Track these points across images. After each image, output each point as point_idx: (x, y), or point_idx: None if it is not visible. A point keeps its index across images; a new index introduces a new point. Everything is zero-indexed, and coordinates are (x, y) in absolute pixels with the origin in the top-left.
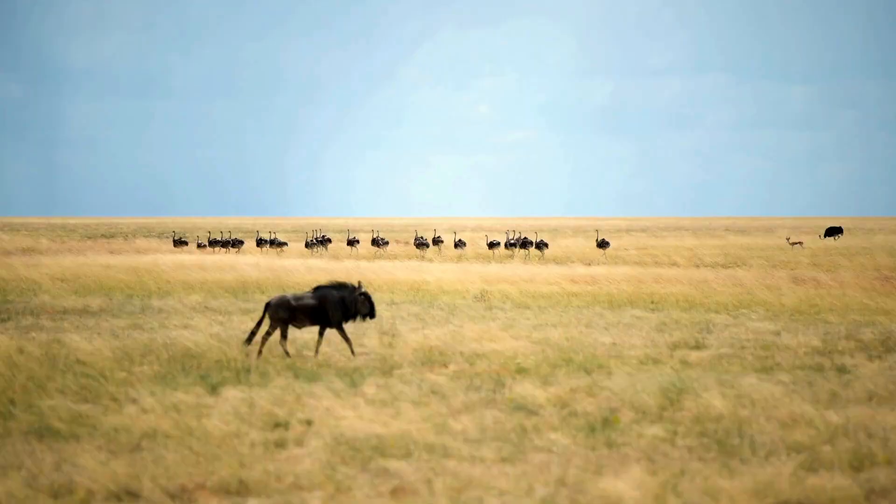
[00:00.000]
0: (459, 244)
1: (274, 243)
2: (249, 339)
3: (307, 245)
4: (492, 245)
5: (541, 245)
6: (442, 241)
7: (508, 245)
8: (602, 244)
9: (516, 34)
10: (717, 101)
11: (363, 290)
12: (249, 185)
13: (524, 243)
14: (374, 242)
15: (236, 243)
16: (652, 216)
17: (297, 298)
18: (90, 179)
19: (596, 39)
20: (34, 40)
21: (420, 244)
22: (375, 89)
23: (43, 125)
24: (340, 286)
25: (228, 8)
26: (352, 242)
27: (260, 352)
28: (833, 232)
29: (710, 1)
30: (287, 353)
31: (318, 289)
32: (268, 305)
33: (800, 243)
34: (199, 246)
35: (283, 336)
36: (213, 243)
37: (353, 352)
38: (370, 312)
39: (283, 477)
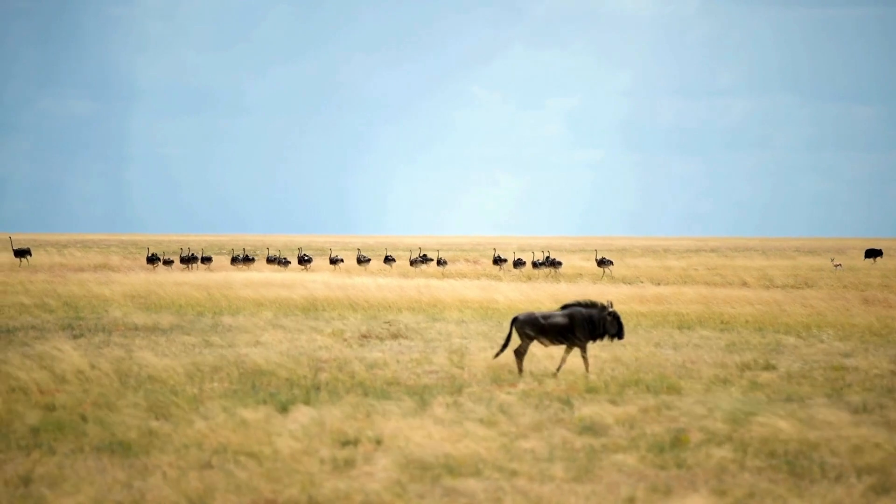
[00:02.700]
0: (441, 262)
1: (247, 260)
2: (499, 353)
3: (268, 260)
4: (516, 263)
5: (555, 263)
6: (431, 260)
7: (495, 261)
8: (602, 262)
9: (585, 53)
10: (786, 122)
11: (612, 310)
12: (317, 202)
13: (548, 262)
14: (359, 260)
15: (206, 259)
16: (721, 236)
17: (546, 316)
18: (160, 197)
19: (663, 59)
20: (104, 58)
21: (387, 259)
22: (442, 107)
23: (112, 142)
24: (591, 305)
25: (298, 27)
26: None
27: (519, 369)
28: (872, 254)
29: (777, 21)
30: (520, 371)
31: (566, 306)
32: (515, 321)
33: (839, 265)
34: (166, 262)
35: (523, 353)
36: (183, 260)
37: (587, 370)
38: (619, 333)
39: (353, 495)
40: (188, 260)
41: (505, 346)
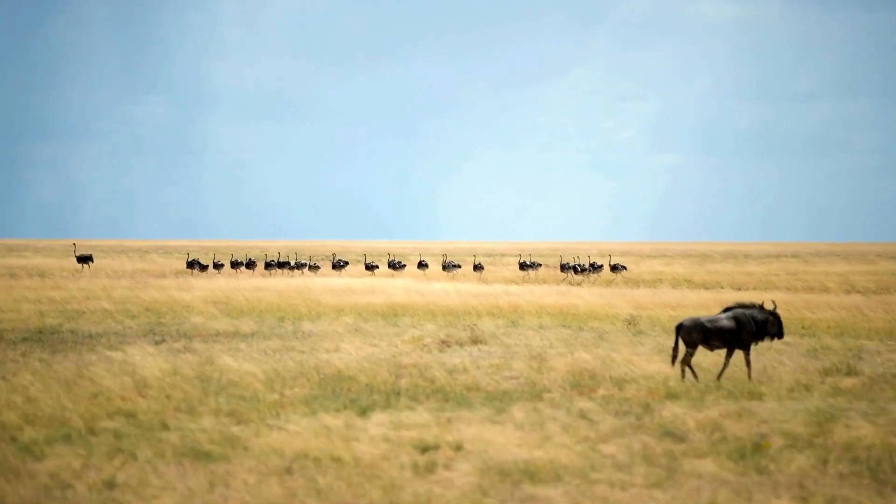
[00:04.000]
0: (478, 267)
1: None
2: (673, 362)
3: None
4: (523, 266)
5: (596, 267)
6: (460, 266)
7: (522, 266)
8: (615, 268)
9: (664, 59)
10: (867, 125)
11: (774, 310)
12: (394, 208)
13: (591, 267)
14: (391, 265)
15: (249, 264)
16: (801, 241)
17: (712, 321)
18: (239, 202)
19: (743, 64)
20: (183, 64)
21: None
22: (519, 113)
23: (191, 148)
24: (751, 305)
25: (374, 33)
26: (429, 265)
27: (694, 375)
28: None
29: (858, 24)
30: (695, 376)
31: (729, 309)
32: (680, 328)
33: None
34: (202, 268)
35: (689, 358)
36: (216, 266)
37: (750, 376)
38: (779, 333)
39: (434, 500)
40: (232, 264)
41: (675, 354)
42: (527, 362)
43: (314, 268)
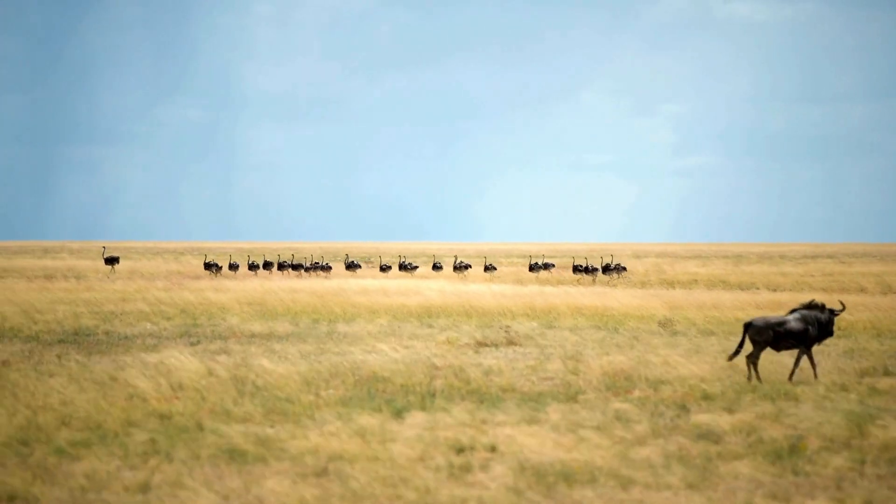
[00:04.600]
0: (489, 268)
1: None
2: (730, 358)
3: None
4: (532, 268)
5: (593, 270)
6: (470, 266)
7: (532, 267)
8: (617, 269)
9: (697, 59)
10: None
11: (842, 311)
12: (428, 210)
13: (586, 269)
14: (402, 267)
15: (267, 265)
16: (836, 242)
17: (781, 322)
18: (272, 205)
19: (777, 65)
20: (217, 67)
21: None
22: (551, 113)
23: (225, 150)
24: (812, 306)
25: (406, 36)
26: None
27: (751, 376)
28: None
29: (891, 26)
30: (758, 378)
31: (795, 311)
32: (748, 327)
33: None
34: (216, 269)
35: (756, 359)
36: (232, 267)
37: (792, 377)
38: (831, 332)
39: (469, 502)
40: (249, 266)
41: (738, 350)
42: (562, 363)
43: (326, 269)
